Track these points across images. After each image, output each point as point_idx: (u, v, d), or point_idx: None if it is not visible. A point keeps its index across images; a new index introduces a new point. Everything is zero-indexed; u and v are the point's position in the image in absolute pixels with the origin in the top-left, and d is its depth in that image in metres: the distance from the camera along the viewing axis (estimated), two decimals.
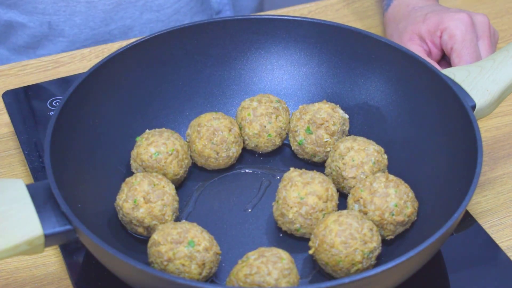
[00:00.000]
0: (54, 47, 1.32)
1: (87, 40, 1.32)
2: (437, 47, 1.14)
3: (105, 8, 1.29)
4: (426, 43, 1.14)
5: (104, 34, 1.32)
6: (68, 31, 1.30)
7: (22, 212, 0.82)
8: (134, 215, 0.90)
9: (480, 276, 0.93)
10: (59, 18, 1.29)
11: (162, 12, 1.33)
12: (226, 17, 1.06)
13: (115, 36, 1.33)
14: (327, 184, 0.92)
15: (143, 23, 1.33)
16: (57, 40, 1.32)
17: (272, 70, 1.09)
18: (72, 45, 1.32)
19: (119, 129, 1.00)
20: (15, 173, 1.05)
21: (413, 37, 1.15)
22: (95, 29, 1.31)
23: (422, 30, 1.14)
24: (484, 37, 1.12)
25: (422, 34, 1.14)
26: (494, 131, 1.12)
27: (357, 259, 0.86)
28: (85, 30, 1.31)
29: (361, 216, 0.88)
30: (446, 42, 1.12)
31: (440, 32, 1.12)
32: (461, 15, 1.12)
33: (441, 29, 1.12)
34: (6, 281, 0.92)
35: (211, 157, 0.99)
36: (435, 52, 1.15)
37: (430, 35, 1.14)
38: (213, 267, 0.87)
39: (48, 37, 1.32)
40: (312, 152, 1.01)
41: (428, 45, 1.14)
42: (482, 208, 1.01)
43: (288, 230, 0.93)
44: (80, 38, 1.31)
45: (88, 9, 1.29)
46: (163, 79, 1.05)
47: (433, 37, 1.13)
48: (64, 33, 1.31)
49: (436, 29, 1.13)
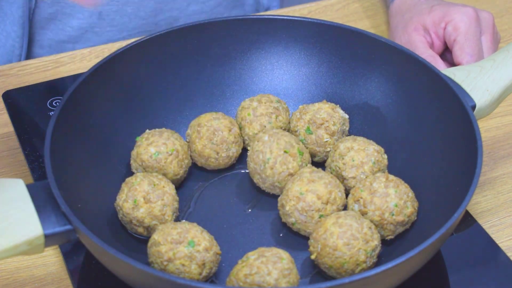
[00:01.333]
0: (98, 39, 1.32)
1: (135, 29, 1.33)
2: (440, 39, 1.15)
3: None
4: (430, 34, 1.15)
5: (151, 25, 1.33)
6: (118, 20, 1.31)
7: (22, 212, 0.82)
8: (134, 215, 0.90)
9: (480, 276, 0.93)
10: (111, 8, 1.30)
11: (207, 4, 1.35)
12: (226, 17, 1.06)
13: (161, 27, 1.34)
14: (332, 187, 0.92)
15: (188, 14, 1.35)
16: (104, 30, 1.32)
17: (272, 70, 1.09)
18: (119, 33, 1.32)
19: (119, 129, 1.00)
20: (15, 173, 1.05)
21: (417, 27, 1.15)
22: (144, 19, 1.32)
23: (427, 21, 1.15)
24: (487, 33, 1.13)
25: (427, 25, 1.15)
26: (494, 131, 1.12)
27: (361, 259, 0.86)
28: (135, 19, 1.32)
29: (359, 216, 0.89)
30: (450, 34, 1.12)
31: (444, 23, 1.13)
32: (467, 9, 1.13)
33: (446, 21, 1.13)
34: (6, 281, 0.92)
35: (211, 157, 0.99)
36: (438, 44, 1.15)
37: (435, 26, 1.14)
38: (213, 267, 0.87)
39: (94, 28, 1.32)
40: (312, 152, 1.01)
41: (432, 37, 1.15)
42: (482, 208, 1.01)
43: (286, 222, 0.93)
44: (128, 27, 1.32)
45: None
46: (163, 79, 1.05)
47: (437, 29, 1.14)
48: (114, 23, 1.31)
49: (441, 21, 1.14)
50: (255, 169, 0.96)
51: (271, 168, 0.95)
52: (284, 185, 0.95)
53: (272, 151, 0.95)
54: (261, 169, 0.95)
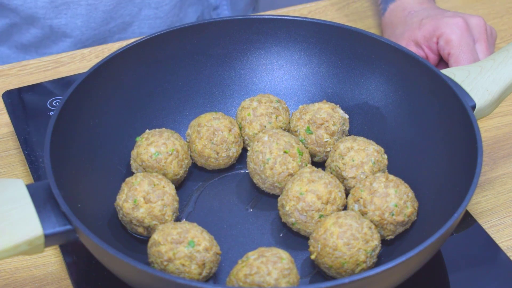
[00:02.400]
0: (57, 47, 1.33)
1: (88, 40, 1.33)
2: (434, 53, 1.14)
3: (105, 9, 1.30)
4: (423, 49, 1.14)
5: (104, 32, 1.33)
6: (70, 33, 1.31)
7: (22, 212, 0.82)
8: (134, 215, 0.90)
9: (480, 276, 0.93)
10: (60, 21, 1.30)
11: (161, 9, 1.34)
12: (226, 17, 1.06)
13: (114, 33, 1.34)
14: (332, 187, 0.92)
15: (141, 19, 1.34)
16: (59, 41, 1.32)
17: (272, 70, 1.09)
18: (74, 46, 1.32)
19: (119, 129, 1.00)
20: (15, 173, 1.05)
21: (409, 43, 1.15)
22: (96, 29, 1.32)
23: (418, 37, 1.14)
24: (481, 40, 1.12)
25: (418, 40, 1.14)
26: (494, 131, 1.12)
27: (361, 259, 0.86)
28: (87, 31, 1.32)
29: (359, 216, 0.89)
30: (443, 48, 1.12)
31: (436, 38, 1.13)
32: (456, 20, 1.12)
33: (437, 35, 1.12)
34: (6, 281, 0.92)
35: (211, 157, 0.99)
36: (432, 57, 1.15)
37: (426, 41, 1.14)
38: (213, 267, 0.87)
39: (50, 37, 1.32)
40: (312, 152, 1.01)
41: (425, 51, 1.14)
42: (482, 208, 1.01)
43: (286, 222, 0.93)
44: (82, 39, 1.32)
45: (89, 11, 1.29)
46: (163, 79, 1.05)
47: (430, 43, 1.14)
48: (66, 35, 1.31)
49: (432, 35, 1.13)
50: (255, 170, 0.96)
51: (271, 168, 0.95)
52: (284, 185, 0.95)
53: (272, 151, 0.95)
54: (261, 169, 0.95)
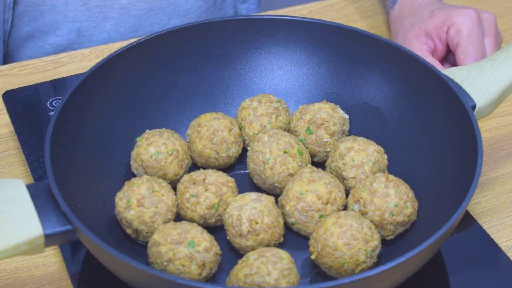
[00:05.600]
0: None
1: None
2: (443, 43, 1.14)
3: (137, 14, 1.28)
4: (433, 39, 1.14)
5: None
6: (97, 36, 1.29)
7: (22, 212, 0.82)
8: (124, 215, 0.90)
9: (480, 276, 0.93)
10: (90, 24, 1.28)
11: (188, 17, 1.33)
12: (226, 17, 1.06)
13: None
14: (332, 187, 0.92)
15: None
16: (84, 46, 1.29)
17: (272, 70, 1.09)
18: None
19: (119, 129, 1.00)
20: (15, 173, 1.05)
21: (419, 34, 1.15)
22: (124, 35, 1.30)
23: (428, 27, 1.14)
24: (490, 35, 1.13)
25: (429, 30, 1.14)
26: (494, 131, 1.12)
27: (361, 259, 0.86)
28: (115, 35, 1.30)
29: (359, 216, 0.89)
30: (453, 37, 1.12)
31: (447, 27, 1.13)
32: (469, 11, 1.13)
33: (448, 24, 1.13)
34: (6, 281, 0.92)
35: (211, 157, 0.99)
36: (440, 48, 1.15)
37: (437, 31, 1.14)
38: (213, 268, 0.87)
39: (73, 45, 1.30)
40: (312, 152, 1.01)
41: (434, 41, 1.14)
42: (482, 208, 1.01)
43: (286, 222, 0.93)
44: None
45: (120, 14, 1.27)
46: (163, 79, 1.05)
47: (440, 33, 1.14)
48: (93, 39, 1.29)
49: (443, 25, 1.13)
50: (255, 170, 0.96)
51: (271, 168, 0.95)
52: (284, 185, 0.95)
53: (272, 151, 0.95)
54: (261, 169, 0.95)
